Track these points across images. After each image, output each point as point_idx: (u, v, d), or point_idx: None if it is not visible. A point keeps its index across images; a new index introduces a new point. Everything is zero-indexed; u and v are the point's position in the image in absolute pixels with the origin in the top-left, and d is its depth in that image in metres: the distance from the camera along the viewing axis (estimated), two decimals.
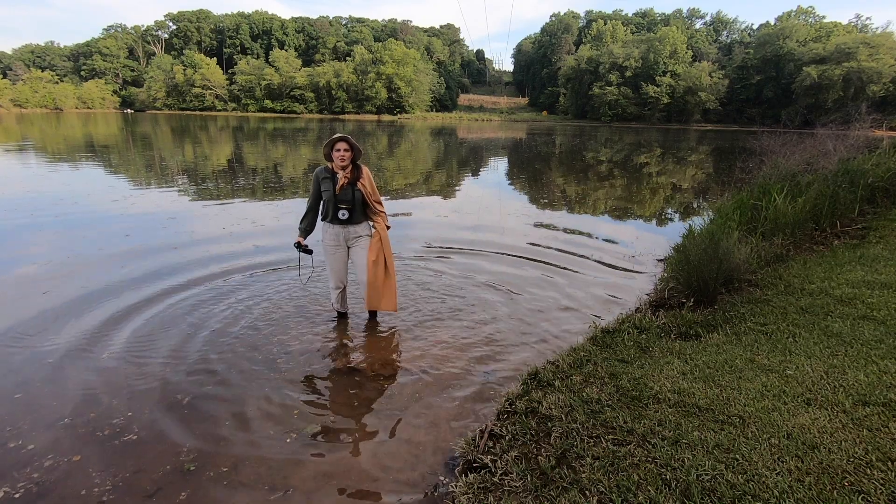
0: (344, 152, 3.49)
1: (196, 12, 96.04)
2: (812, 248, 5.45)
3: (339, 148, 3.50)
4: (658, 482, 1.78)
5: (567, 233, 7.32)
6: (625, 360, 2.98)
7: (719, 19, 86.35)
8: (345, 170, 3.55)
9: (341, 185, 3.53)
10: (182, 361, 3.33)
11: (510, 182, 14.02)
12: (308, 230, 3.72)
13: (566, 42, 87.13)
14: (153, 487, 2.21)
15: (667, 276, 4.77)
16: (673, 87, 66.77)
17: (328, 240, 3.72)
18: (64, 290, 4.49)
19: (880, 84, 55.03)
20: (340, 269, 3.79)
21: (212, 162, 16.09)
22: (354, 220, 3.67)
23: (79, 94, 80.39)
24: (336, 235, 3.69)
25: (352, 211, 3.62)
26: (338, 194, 3.56)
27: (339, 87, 75.67)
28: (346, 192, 3.57)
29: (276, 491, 2.21)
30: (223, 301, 4.34)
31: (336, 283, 3.83)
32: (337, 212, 3.60)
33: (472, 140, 32.74)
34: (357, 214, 3.66)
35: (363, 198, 3.63)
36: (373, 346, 3.65)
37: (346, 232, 3.70)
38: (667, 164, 19.20)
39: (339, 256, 3.75)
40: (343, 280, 3.85)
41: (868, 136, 9.29)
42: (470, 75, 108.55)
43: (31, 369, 3.18)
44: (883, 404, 2.17)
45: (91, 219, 7.39)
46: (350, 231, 3.70)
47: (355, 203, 3.61)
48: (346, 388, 3.09)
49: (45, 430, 2.59)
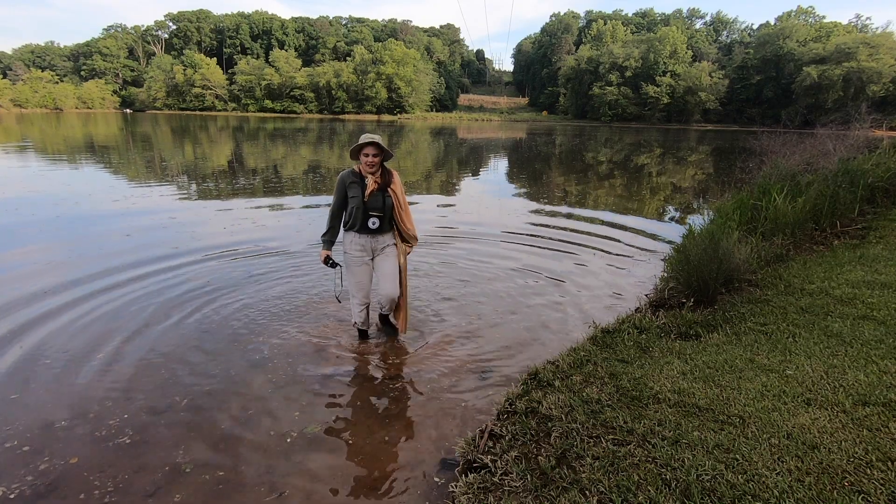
0: (373, 157, 3.19)
1: (196, 12, 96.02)
2: (812, 248, 5.45)
3: (367, 152, 3.19)
4: (658, 482, 1.78)
5: (566, 233, 7.32)
6: (625, 360, 2.97)
7: (719, 19, 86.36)
8: (374, 174, 3.25)
9: (371, 191, 3.23)
10: (181, 362, 3.33)
11: (510, 181, 14.02)
12: (333, 241, 3.43)
13: (566, 42, 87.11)
14: (151, 488, 2.21)
15: (667, 276, 4.77)
16: (673, 87, 66.76)
17: (354, 251, 3.38)
18: (63, 289, 4.49)
19: (880, 84, 55.05)
20: (367, 283, 3.47)
21: (212, 162, 16.10)
22: (384, 228, 3.37)
23: (79, 94, 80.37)
24: (363, 246, 3.37)
25: (382, 219, 3.31)
26: (367, 201, 3.24)
27: (339, 87, 75.66)
28: (376, 199, 3.26)
29: (276, 491, 2.21)
30: (222, 301, 4.34)
31: (361, 298, 3.46)
32: (367, 220, 3.28)
33: (472, 140, 32.74)
34: (387, 223, 3.37)
35: (393, 205, 3.33)
36: (372, 347, 3.65)
37: (375, 242, 3.39)
38: (667, 164, 19.21)
39: (366, 269, 3.44)
40: (369, 295, 3.51)
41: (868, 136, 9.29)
42: (470, 75, 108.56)
43: (29, 370, 3.18)
44: (883, 404, 2.17)
45: (92, 219, 7.39)
46: (378, 241, 3.40)
47: (386, 210, 3.30)
48: (347, 388, 3.09)
49: (43, 431, 2.58)
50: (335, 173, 13.85)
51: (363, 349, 3.60)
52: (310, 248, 6.03)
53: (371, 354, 3.53)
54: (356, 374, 3.26)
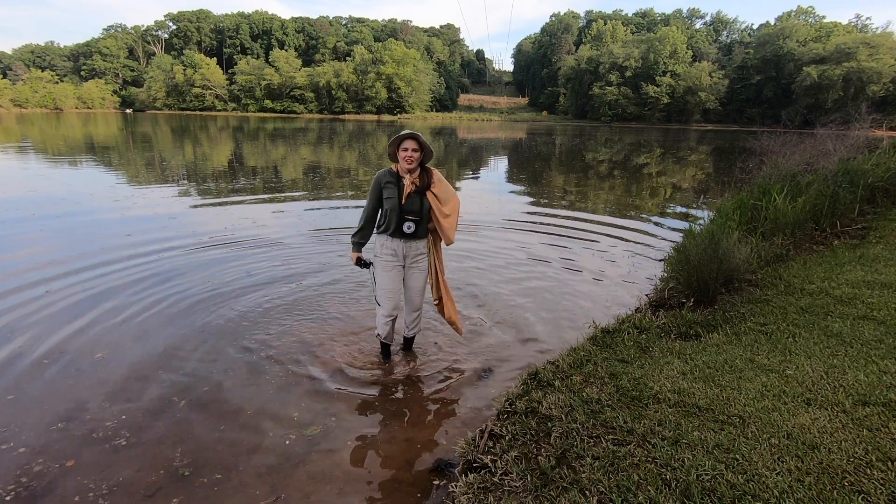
0: (412, 152, 2.97)
1: (196, 12, 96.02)
2: (812, 248, 5.45)
3: (406, 147, 2.97)
4: (658, 482, 1.78)
5: (566, 232, 7.31)
6: (625, 360, 2.97)
7: (719, 19, 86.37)
8: (412, 173, 3.05)
9: (408, 193, 3.02)
10: (179, 362, 3.33)
11: (510, 181, 14.02)
12: (363, 243, 3.22)
13: (566, 42, 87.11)
14: (148, 491, 2.20)
15: (667, 276, 4.77)
16: (673, 87, 66.78)
17: (385, 255, 3.16)
18: (63, 289, 4.49)
19: (880, 84, 55.06)
20: (396, 291, 3.23)
21: (212, 162, 16.09)
22: (420, 234, 3.14)
23: (79, 94, 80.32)
24: (395, 251, 3.15)
25: (419, 223, 3.08)
26: (404, 204, 3.03)
27: (339, 87, 75.64)
28: (413, 201, 3.04)
29: (276, 492, 2.21)
30: (222, 301, 4.34)
31: (390, 308, 3.21)
32: (402, 224, 3.05)
33: (472, 140, 32.74)
34: (423, 228, 3.14)
35: (431, 209, 3.10)
36: (372, 347, 3.65)
37: (408, 247, 3.16)
38: (667, 164, 19.21)
39: (397, 275, 3.20)
40: (398, 304, 3.27)
41: (868, 136, 9.28)
42: (470, 75, 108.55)
43: (26, 371, 3.17)
44: (883, 404, 2.17)
45: (93, 218, 7.38)
46: (412, 247, 3.17)
47: (423, 214, 3.08)
48: (346, 389, 3.08)
49: (39, 433, 2.57)
50: (335, 173, 13.85)
51: (362, 349, 3.59)
52: (310, 248, 6.02)
53: (370, 355, 3.52)
54: (355, 375, 3.25)
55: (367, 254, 3.25)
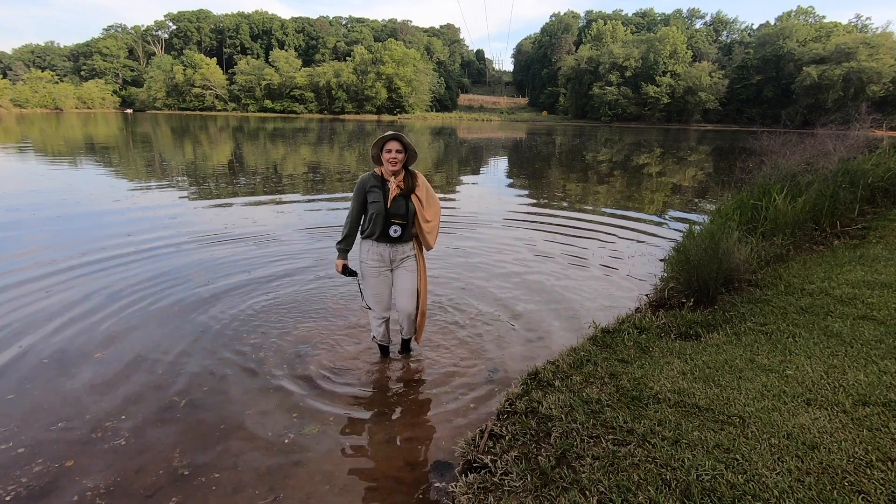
0: (396, 153, 2.91)
1: (196, 12, 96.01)
2: (812, 248, 5.45)
3: (390, 148, 2.91)
4: (658, 482, 1.78)
5: (566, 231, 7.31)
6: (625, 360, 2.97)
7: (719, 19, 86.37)
8: (396, 176, 2.99)
9: (393, 196, 2.97)
10: (178, 362, 3.33)
11: (510, 181, 14.01)
12: (348, 249, 3.14)
13: (566, 42, 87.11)
14: (148, 491, 2.20)
15: (667, 276, 4.77)
16: (673, 87, 66.78)
17: (371, 260, 3.11)
18: (64, 289, 4.49)
19: (880, 84, 55.06)
20: (386, 295, 3.21)
21: (212, 162, 16.09)
22: (406, 237, 3.10)
23: (79, 94, 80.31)
24: (381, 255, 3.10)
25: (405, 227, 3.05)
26: (389, 207, 2.97)
27: (339, 87, 75.62)
28: (398, 205, 2.98)
29: (275, 492, 2.21)
30: (221, 301, 4.34)
31: (381, 311, 3.21)
32: (388, 228, 3.00)
33: (472, 140, 32.73)
34: (409, 231, 3.11)
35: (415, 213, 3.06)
36: (372, 346, 3.64)
37: (395, 251, 3.12)
38: (667, 164, 19.20)
39: (385, 280, 3.17)
40: (389, 307, 3.26)
41: (868, 136, 9.27)
42: (470, 75, 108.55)
43: (26, 370, 3.17)
44: (883, 404, 2.17)
45: (93, 218, 7.38)
46: (398, 250, 3.13)
47: (409, 217, 3.04)
48: (345, 389, 3.08)
49: (38, 433, 2.57)
50: (335, 173, 13.85)
51: (363, 349, 3.59)
52: (310, 248, 6.02)
53: (369, 355, 3.52)
54: (354, 375, 3.25)
55: (351, 262, 3.19)
